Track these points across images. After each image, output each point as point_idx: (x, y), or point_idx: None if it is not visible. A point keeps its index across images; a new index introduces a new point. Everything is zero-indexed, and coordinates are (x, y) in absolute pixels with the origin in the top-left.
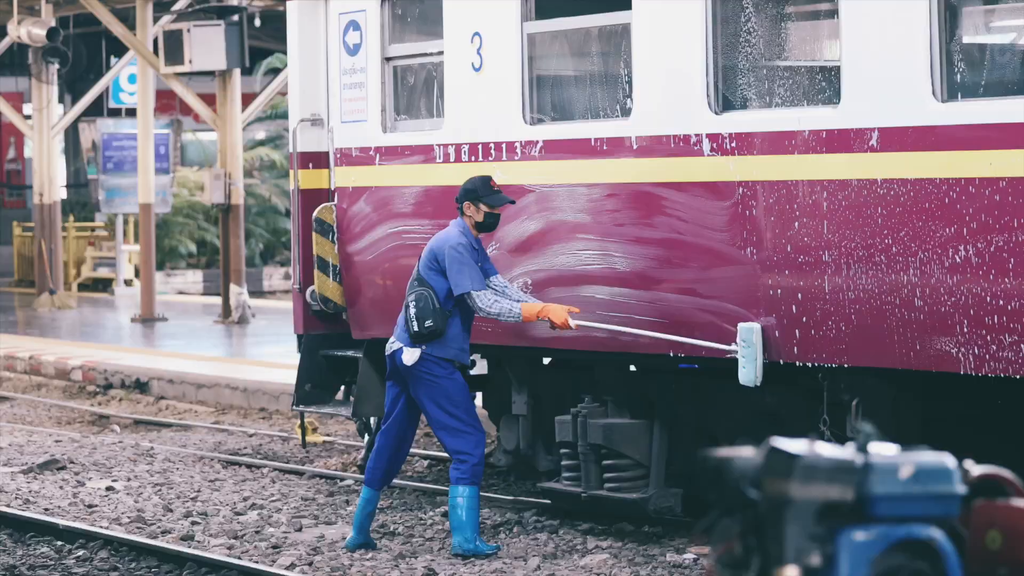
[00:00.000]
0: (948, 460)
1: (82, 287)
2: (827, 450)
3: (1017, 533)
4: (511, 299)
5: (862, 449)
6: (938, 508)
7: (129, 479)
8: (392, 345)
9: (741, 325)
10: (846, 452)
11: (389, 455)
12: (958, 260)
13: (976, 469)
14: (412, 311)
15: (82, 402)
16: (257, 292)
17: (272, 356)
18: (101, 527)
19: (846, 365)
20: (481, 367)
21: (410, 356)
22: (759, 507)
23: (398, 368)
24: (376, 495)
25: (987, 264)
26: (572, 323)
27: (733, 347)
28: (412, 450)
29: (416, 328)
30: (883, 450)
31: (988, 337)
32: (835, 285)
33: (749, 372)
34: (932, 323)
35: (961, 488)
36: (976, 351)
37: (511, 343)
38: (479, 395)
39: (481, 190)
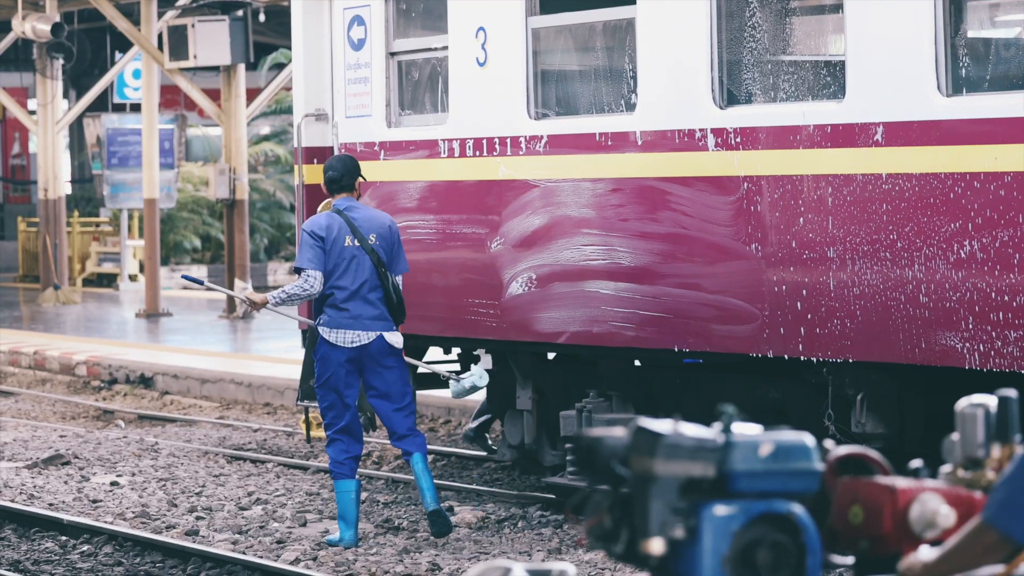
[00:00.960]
0: (807, 439)
1: (87, 282)
2: (690, 430)
3: (875, 508)
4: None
5: (725, 429)
6: (797, 484)
7: (134, 474)
8: (367, 334)
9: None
10: (709, 432)
11: (360, 442)
12: (963, 255)
13: (842, 449)
14: (395, 297)
15: (87, 397)
16: (261, 287)
17: (276, 351)
18: (106, 522)
19: (851, 360)
20: (486, 362)
21: (397, 338)
22: (627, 483)
23: (370, 354)
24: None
25: (992, 259)
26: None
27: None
28: None
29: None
30: (745, 430)
31: (993, 332)
32: (840, 280)
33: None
34: (937, 318)
35: (819, 465)
36: (981, 346)
37: (516, 338)
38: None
39: (360, 169)
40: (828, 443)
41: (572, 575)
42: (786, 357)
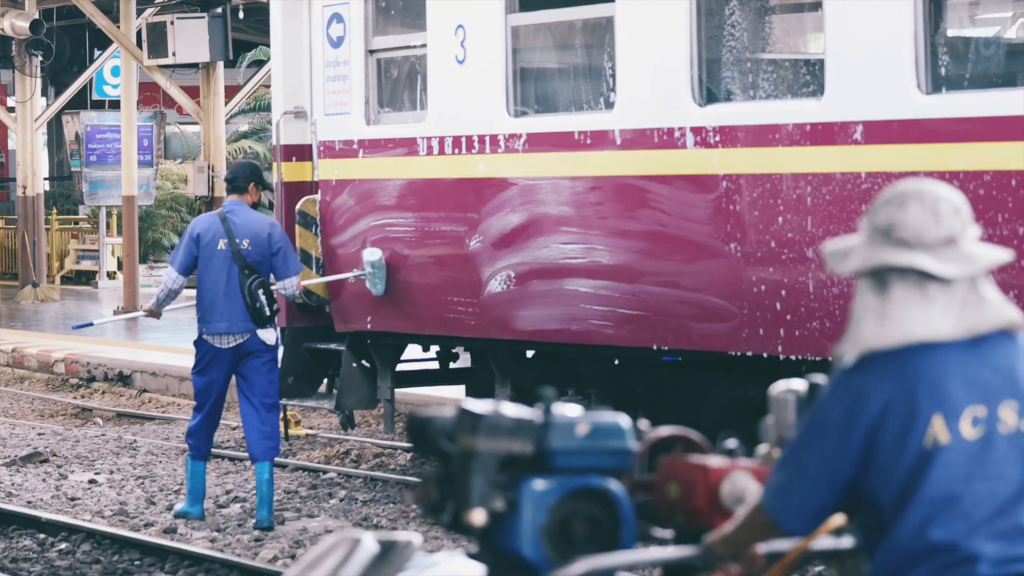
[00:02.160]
0: (622, 419)
1: (65, 280)
2: (510, 410)
3: (690, 484)
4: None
5: (545, 410)
6: (613, 461)
7: (112, 472)
8: (237, 337)
9: (366, 251)
10: (529, 412)
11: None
12: None
13: (664, 429)
14: (263, 297)
15: (65, 395)
16: None
17: None
18: (84, 520)
19: (829, 359)
20: (464, 360)
21: (269, 336)
22: (452, 458)
23: (247, 351)
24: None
25: None
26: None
27: (361, 271)
28: (395, 443)
29: (269, 312)
30: (565, 411)
31: None
32: (819, 279)
33: (381, 286)
34: None
35: (634, 444)
36: None
37: (495, 336)
38: (463, 388)
39: (263, 174)
40: (643, 424)
41: (418, 544)
42: (765, 355)
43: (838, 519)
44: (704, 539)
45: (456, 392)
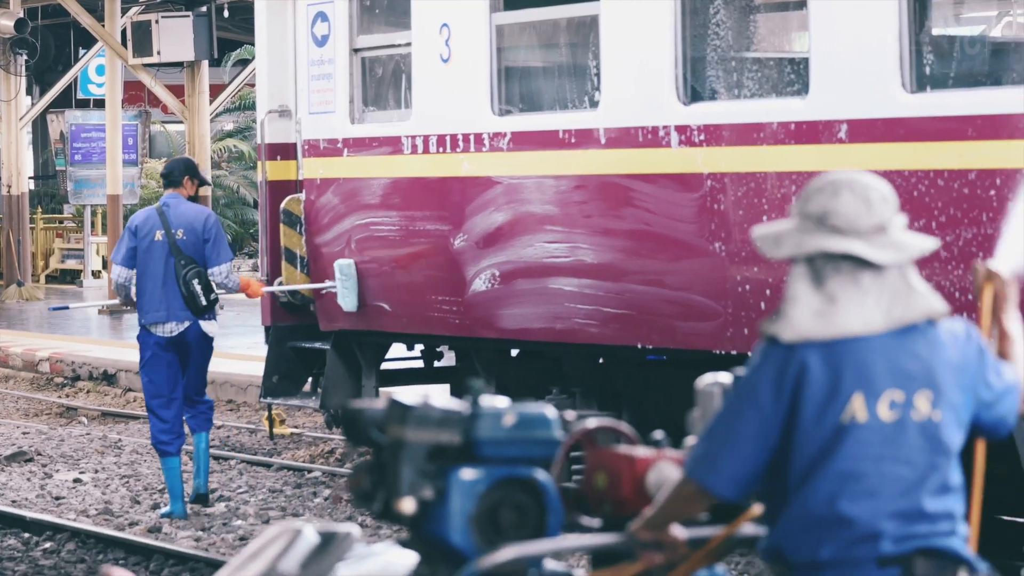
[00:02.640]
0: (548, 410)
1: (50, 279)
2: (439, 402)
3: (616, 474)
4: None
5: (473, 401)
6: (539, 451)
7: (97, 471)
8: (178, 325)
9: (339, 262)
10: (457, 403)
11: (180, 424)
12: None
13: (594, 420)
14: (198, 287)
15: (49, 394)
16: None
17: (240, 348)
18: (68, 519)
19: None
20: (449, 359)
21: (212, 327)
22: (383, 449)
23: (188, 341)
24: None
25: (956, 257)
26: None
27: (332, 283)
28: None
29: (206, 302)
30: (492, 402)
31: None
32: None
33: (350, 300)
34: None
35: (560, 434)
36: None
37: (479, 334)
38: (447, 387)
39: (198, 168)
40: (569, 415)
41: (357, 535)
42: (749, 354)
43: (759, 508)
44: (628, 526)
45: (441, 391)
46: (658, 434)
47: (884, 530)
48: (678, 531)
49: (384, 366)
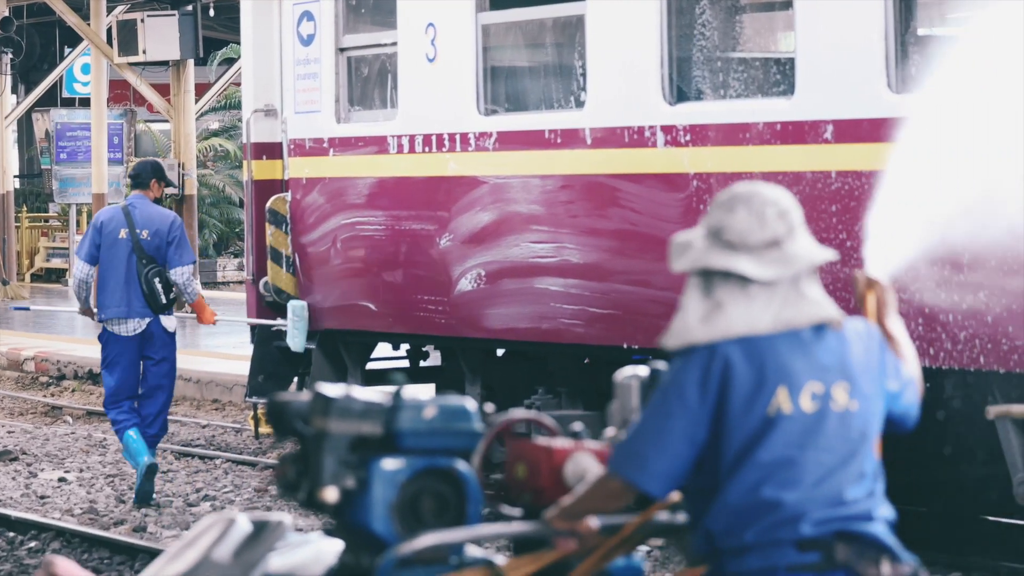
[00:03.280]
0: (468, 403)
1: (35, 278)
2: (361, 394)
3: (535, 465)
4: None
5: (396, 394)
6: (459, 443)
7: (82, 470)
8: (139, 323)
9: (292, 303)
10: (379, 396)
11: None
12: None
13: (518, 413)
14: (159, 285)
15: (35, 393)
16: (211, 283)
17: (225, 347)
18: (53, 518)
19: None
20: (434, 358)
21: (172, 322)
22: (307, 440)
23: (150, 336)
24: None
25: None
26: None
27: (284, 321)
28: None
29: (166, 300)
30: (413, 395)
31: (939, 330)
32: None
33: (298, 341)
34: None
35: (480, 426)
36: (931, 344)
37: (465, 334)
38: (432, 386)
39: (164, 171)
40: (489, 407)
41: (288, 524)
42: None
43: (674, 496)
44: (543, 515)
45: (426, 391)
46: (577, 426)
47: (806, 513)
48: (592, 519)
49: (369, 366)
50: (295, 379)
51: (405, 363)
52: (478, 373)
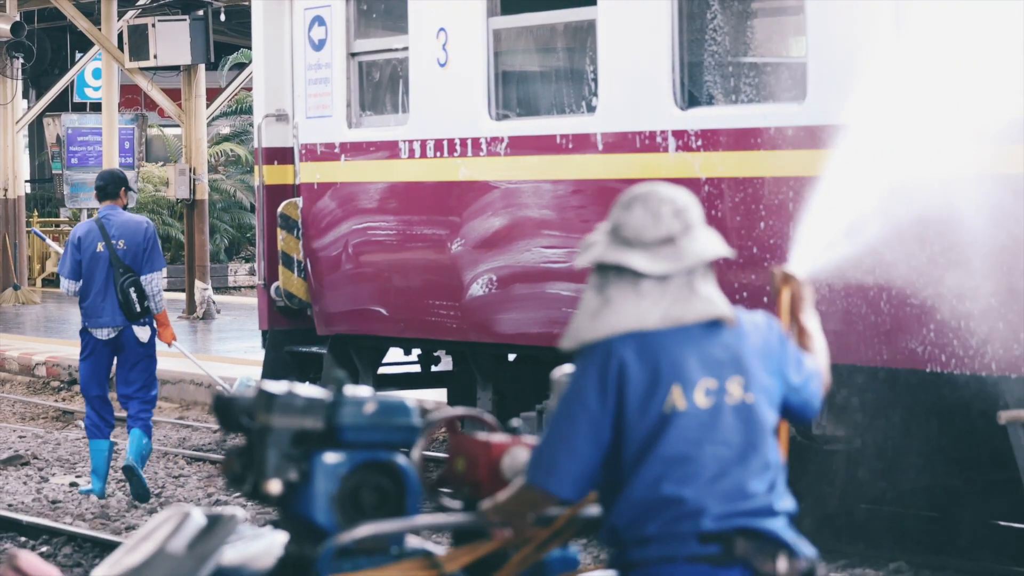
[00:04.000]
0: (408, 400)
1: (46, 282)
2: (303, 390)
3: (474, 459)
4: None
5: (337, 391)
6: (399, 437)
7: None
8: (113, 330)
9: (242, 377)
10: (321, 392)
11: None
12: (924, 259)
13: (458, 409)
14: (133, 294)
15: (46, 398)
16: (222, 288)
17: (237, 352)
18: (65, 523)
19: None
20: (446, 363)
21: (145, 332)
22: (252, 434)
23: (122, 343)
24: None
25: (951, 262)
26: None
27: (232, 384)
28: None
29: (139, 308)
30: (356, 392)
31: (950, 335)
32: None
33: None
34: (899, 322)
35: (418, 422)
36: (941, 351)
37: (476, 339)
38: (444, 391)
39: (128, 180)
40: (428, 404)
41: (241, 518)
42: None
43: None
44: (479, 506)
45: (438, 395)
46: (515, 422)
47: (706, 508)
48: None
49: (381, 370)
50: (306, 384)
51: (416, 368)
52: (489, 378)
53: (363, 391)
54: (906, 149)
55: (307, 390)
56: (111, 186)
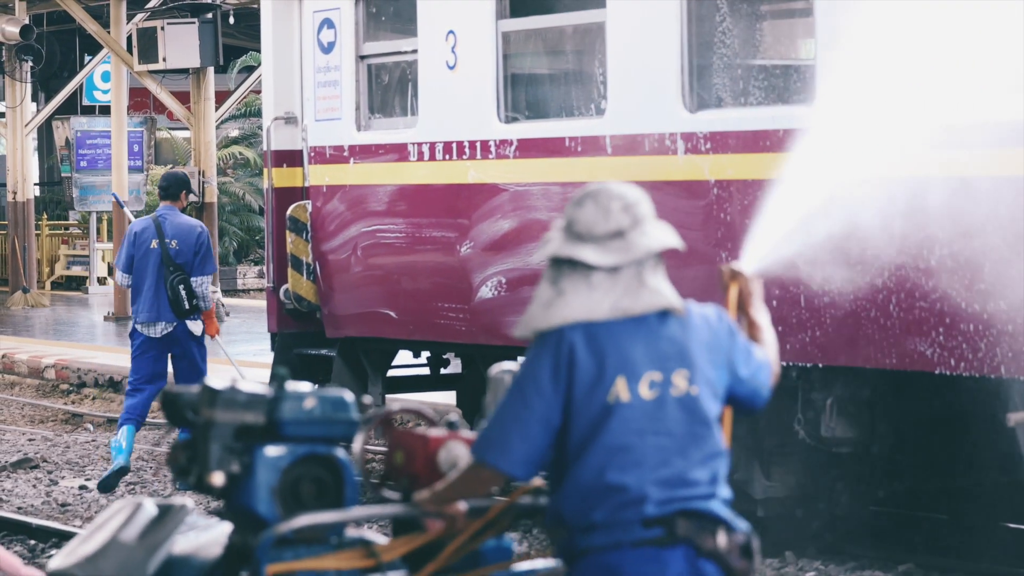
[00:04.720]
0: (347, 395)
1: (55, 285)
2: (245, 386)
3: (412, 452)
4: None
5: (278, 387)
6: (338, 431)
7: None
8: (166, 326)
9: None
10: (263, 388)
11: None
12: (932, 264)
13: (396, 404)
14: (183, 292)
15: (55, 401)
16: (231, 290)
17: (246, 354)
18: (74, 526)
19: (820, 365)
20: (455, 366)
21: (197, 327)
22: (196, 428)
23: (176, 338)
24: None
25: (962, 267)
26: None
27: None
28: (384, 448)
29: (188, 306)
30: (296, 387)
31: (960, 338)
32: (810, 288)
33: None
34: (907, 324)
35: (357, 416)
36: (951, 352)
37: (486, 341)
38: (453, 394)
39: (191, 184)
40: (367, 399)
41: (191, 508)
42: None
43: (537, 482)
44: (413, 497)
45: (447, 398)
46: (452, 416)
47: (649, 495)
48: (460, 503)
49: (390, 373)
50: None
51: (426, 371)
52: None
53: (304, 386)
54: (906, 149)
55: (249, 386)
56: (173, 188)
